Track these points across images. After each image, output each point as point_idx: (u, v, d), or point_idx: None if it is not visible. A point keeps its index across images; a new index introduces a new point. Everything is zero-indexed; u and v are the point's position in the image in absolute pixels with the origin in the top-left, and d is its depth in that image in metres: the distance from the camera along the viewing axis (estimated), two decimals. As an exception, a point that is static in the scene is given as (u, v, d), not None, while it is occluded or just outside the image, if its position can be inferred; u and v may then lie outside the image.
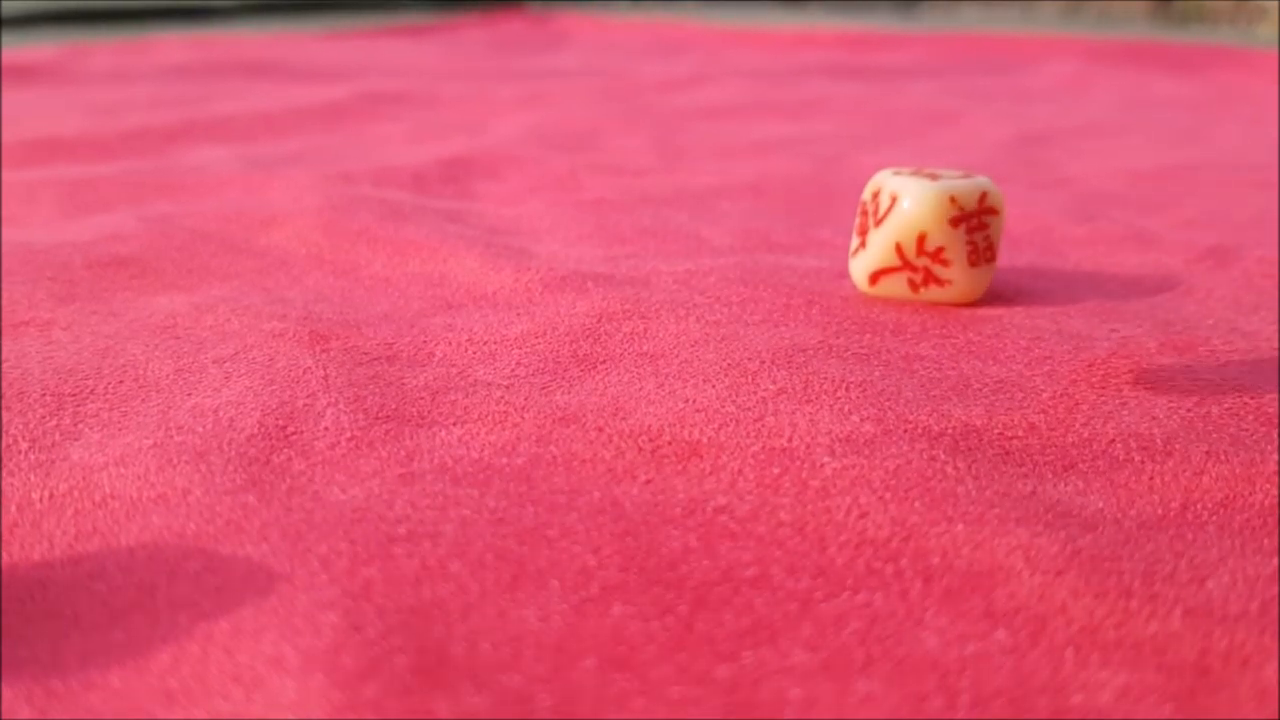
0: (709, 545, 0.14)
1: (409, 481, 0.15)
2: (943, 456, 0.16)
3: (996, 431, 0.17)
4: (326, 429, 0.17)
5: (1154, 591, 0.13)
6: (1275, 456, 0.16)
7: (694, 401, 0.17)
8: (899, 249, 0.22)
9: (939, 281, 0.22)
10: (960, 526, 0.14)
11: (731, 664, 0.12)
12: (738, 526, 0.14)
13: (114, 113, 0.47)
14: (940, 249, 0.22)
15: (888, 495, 0.15)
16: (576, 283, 0.23)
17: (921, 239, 0.22)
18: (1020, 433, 0.17)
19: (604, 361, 0.19)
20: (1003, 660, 0.12)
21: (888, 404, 0.17)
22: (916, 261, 0.22)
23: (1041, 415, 0.17)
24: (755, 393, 0.18)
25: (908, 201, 0.22)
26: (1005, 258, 0.27)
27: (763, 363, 0.19)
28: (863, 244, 0.23)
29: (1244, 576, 0.13)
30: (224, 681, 0.11)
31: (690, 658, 0.12)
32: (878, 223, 0.22)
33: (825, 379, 0.18)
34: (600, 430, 0.17)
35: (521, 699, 0.11)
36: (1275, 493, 0.15)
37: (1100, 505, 0.15)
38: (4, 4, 0.91)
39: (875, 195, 0.23)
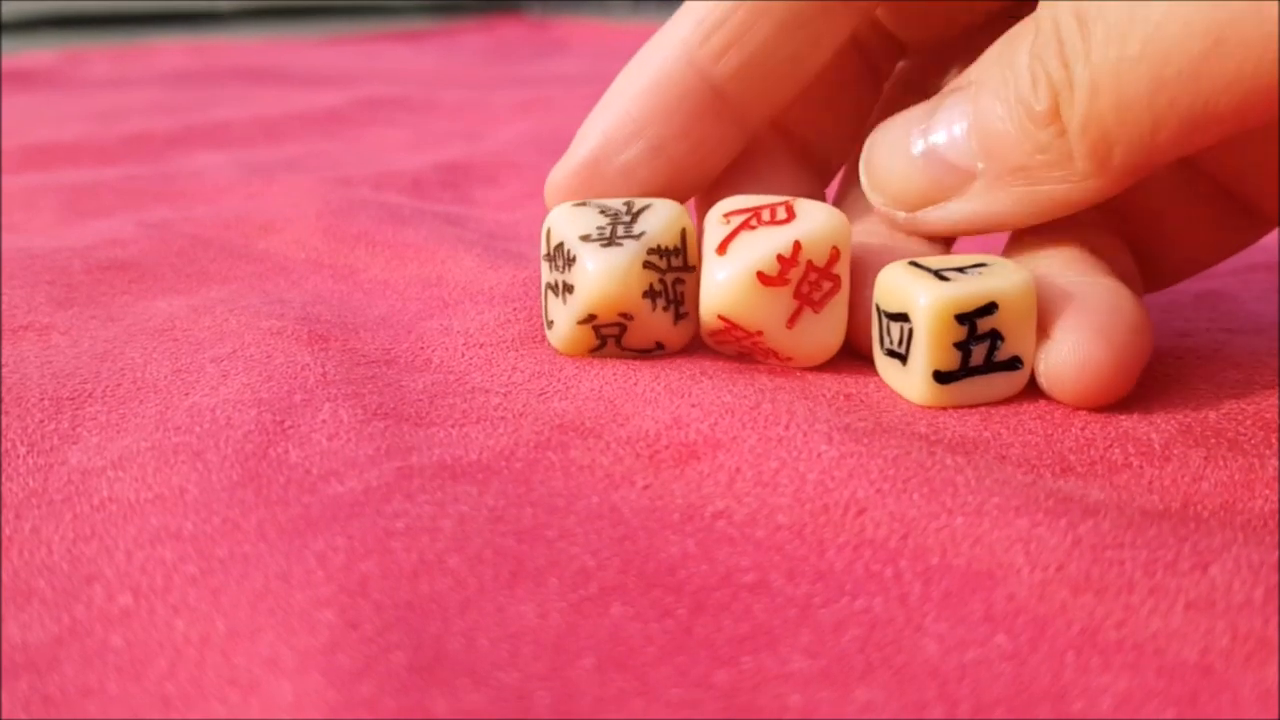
0: (707, 550, 0.14)
1: (407, 476, 0.15)
2: (941, 451, 0.16)
3: (991, 440, 0.16)
4: (324, 422, 0.17)
5: (1156, 582, 0.13)
6: (1274, 461, 0.16)
7: (690, 395, 0.17)
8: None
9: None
10: (960, 519, 0.14)
11: (731, 669, 0.12)
12: (736, 531, 0.14)
13: (113, 118, 0.47)
14: None
15: (886, 486, 0.15)
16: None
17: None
18: (1016, 440, 0.17)
19: (598, 357, 0.19)
20: (1003, 666, 0.12)
21: (883, 410, 0.17)
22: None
23: (1038, 421, 0.17)
24: (752, 383, 0.18)
25: None
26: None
27: (758, 366, 0.19)
28: None
29: (1248, 562, 0.13)
30: (220, 685, 0.11)
31: (689, 661, 0.12)
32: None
33: (820, 387, 0.18)
34: (598, 436, 0.17)
35: (519, 697, 0.11)
36: (1275, 498, 0.15)
37: (1101, 497, 0.15)
38: (3, 9, 0.91)
39: None
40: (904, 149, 0.18)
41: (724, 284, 0.18)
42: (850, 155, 0.22)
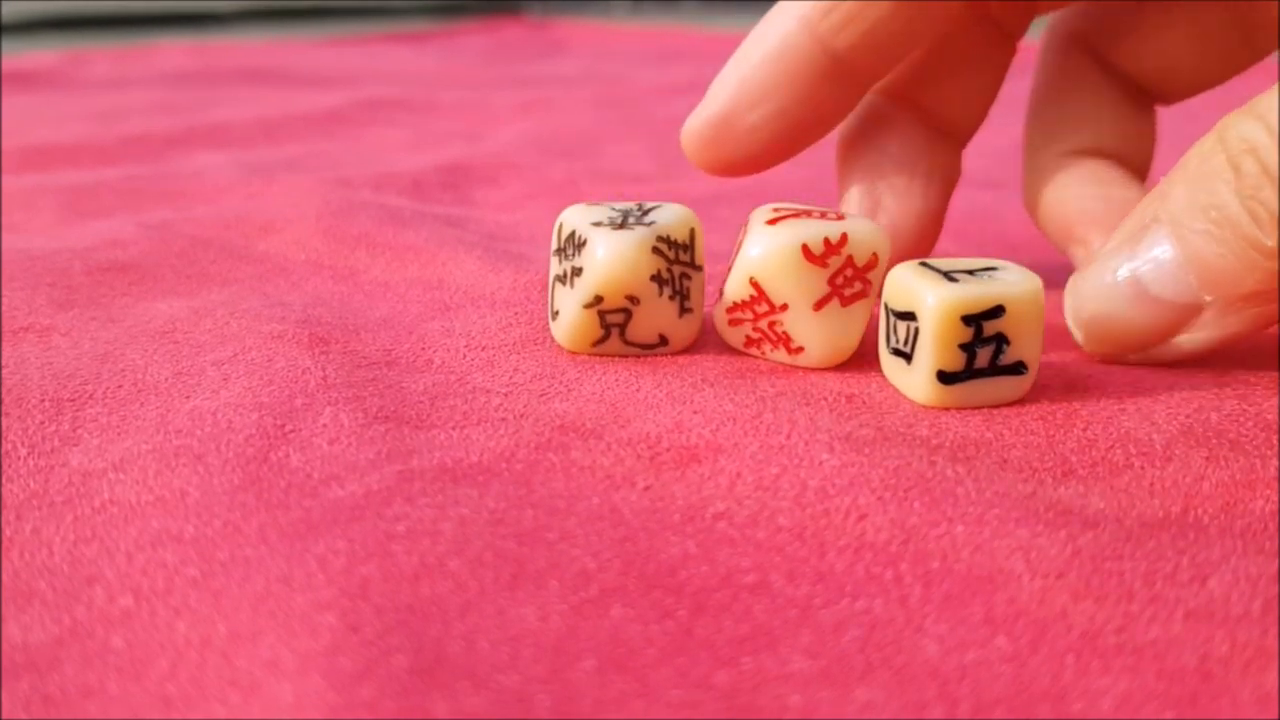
0: (708, 551, 0.14)
1: (408, 479, 0.15)
2: (942, 461, 0.16)
3: (993, 442, 0.17)
4: (325, 426, 0.17)
5: (1155, 592, 0.13)
6: (1275, 462, 0.16)
7: (692, 402, 0.17)
8: None
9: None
10: (960, 528, 0.14)
11: (731, 669, 0.12)
12: (737, 533, 0.14)
13: (114, 119, 0.47)
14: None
15: (887, 495, 0.15)
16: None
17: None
18: (1019, 441, 0.17)
19: (600, 359, 0.19)
20: (1003, 668, 0.12)
21: (885, 413, 0.17)
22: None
23: (1040, 422, 0.17)
24: (754, 391, 0.18)
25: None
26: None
27: (760, 371, 0.19)
28: None
29: (1246, 575, 0.13)
30: (221, 686, 0.11)
31: (690, 662, 0.12)
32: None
33: (823, 389, 0.18)
34: (599, 438, 0.17)
35: (520, 699, 0.11)
36: (1276, 499, 0.15)
37: (1101, 505, 0.15)
38: (3, 9, 0.92)
39: None
40: (1117, 297, 0.19)
41: (768, 249, 0.19)
42: (983, 117, 0.23)
